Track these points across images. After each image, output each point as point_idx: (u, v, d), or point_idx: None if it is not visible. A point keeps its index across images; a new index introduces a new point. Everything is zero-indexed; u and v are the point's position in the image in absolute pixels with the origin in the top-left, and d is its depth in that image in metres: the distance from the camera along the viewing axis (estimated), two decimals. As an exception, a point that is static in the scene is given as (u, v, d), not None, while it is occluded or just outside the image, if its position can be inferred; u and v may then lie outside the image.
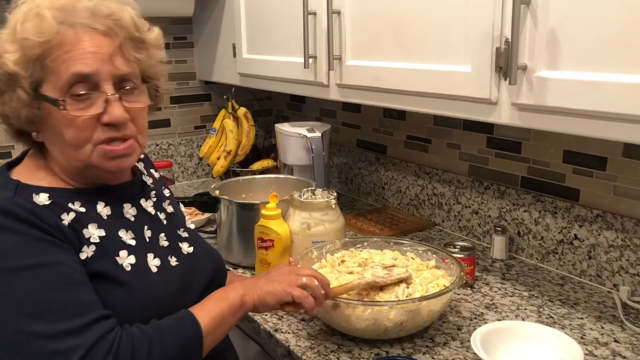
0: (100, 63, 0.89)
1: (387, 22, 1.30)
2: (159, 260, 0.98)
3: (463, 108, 1.16)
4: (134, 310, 0.91)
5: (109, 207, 0.97)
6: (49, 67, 0.89)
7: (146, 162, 1.17)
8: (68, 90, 0.89)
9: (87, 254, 0.90)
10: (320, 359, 1.07)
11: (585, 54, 0.94)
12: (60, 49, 0.88)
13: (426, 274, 1.18)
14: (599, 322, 1.19)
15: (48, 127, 0.93)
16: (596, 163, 1.34)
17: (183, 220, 1.14)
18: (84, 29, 0.90)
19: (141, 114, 0.97)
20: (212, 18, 2.08)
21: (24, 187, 0.91)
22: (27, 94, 0.90)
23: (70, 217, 0.90)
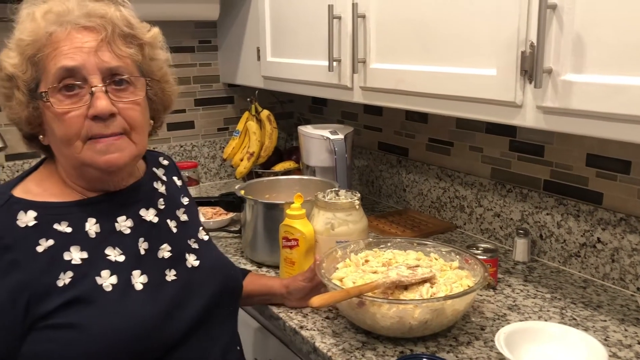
0: (86, 56, 0.91)
1: (412, 26, 1.32)
2: (147, 276, 0.97)
3: (487, 111, 1.18)
4: (107, 330, 0.89)
5: (98, 224, 0.96)
6: (41, 65, 0.92)
7: (169, 169, 1.17)
8: (57, 85, 0.91)
9: (63, 280, 0.89)
10: (345, 355, 1.09)
11: (611, 57, 0.95)
12: (50, 46, 0.91)
13: (450, 274, 1.20)
14: (623, 325, 1.19)
15: (47, 127, 0.95)
16: (620, 166, 1.34)
17: (196, 230, 1.13)
18: (73, 27, 0.92)
19: (133, 108, 0.95)
20: (236, 22, 2.11)
21: (13, 202, 0.92)
22: (24, 94, 0.94)
23: (48, 243, 0.90)
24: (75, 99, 0.91)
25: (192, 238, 1.10)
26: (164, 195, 1.09)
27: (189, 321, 0.99)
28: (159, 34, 1.03)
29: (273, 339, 1.41)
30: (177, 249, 1.04)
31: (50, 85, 0.91)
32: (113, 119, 0.92)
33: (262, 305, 1.32)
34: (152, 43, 1.01)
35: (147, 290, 0.95)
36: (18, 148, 1.95)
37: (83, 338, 0.88)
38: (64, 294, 0.89)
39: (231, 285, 1.12)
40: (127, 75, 0.95)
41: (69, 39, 0.91)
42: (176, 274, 1.01)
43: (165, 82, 1.05)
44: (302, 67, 1.72)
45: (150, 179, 1.10)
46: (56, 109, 0.91)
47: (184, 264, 1.04)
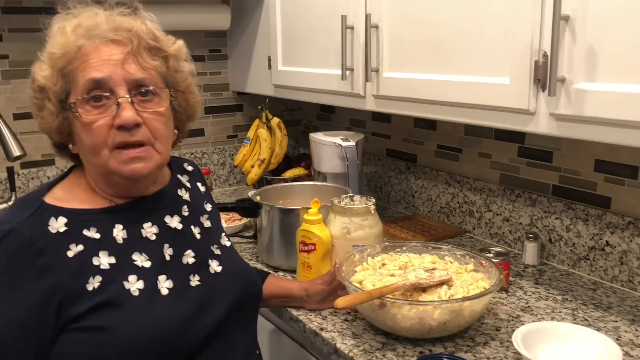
0: (113, 68, 0.95)
1: (425, 36, 1.36)
2: (173, 281, 1.00)
3: (501, 118, 1.22)
4: (135, 332, 0.93)
5: (125, 231, 1.00)
6: (71, 77, 0.96)
7: (193, 176, 1.20)
8: (85, 95, 0.94)
9: (93, 285, 0.93)
10: (366, 356, 1.12)
11: (622, 67, 0.99)
12: (79, 59, 0.95)
13: (466, 276, 1.23)
14: (633, 325, 1.23)
15: (76, 136, 0.99)
16: (628, 172, 1.38)
17: (219, 236, 1.16)
18: (101, 40, 0.96)
19: (157, 119, 0.98)
20: (247, 32, 2.15)
21: (45, 209, 0.96)
22: (54, 105, 0.97)
23: (79, 249, 0.94)
24: (102, 109, 0.95)
25: (215, 244, 1.13)
26: (188, 202, 1.12)
27: (211, 325, 1.02)
28: (184, 46, 1.07)
29: (289, 341, 1.44)
30: (201, 254, 1.07)
31: (79, 96, 0.95)
32: (138, 128, 0.96)
33: (281, 308, 1.35)
34: (176, 55, 1.04)
35: (172, 294, 0.99)
36: (34, 156, 1.99)
37: (112, 340, 0.91)
38: (94, 297, 0.92)
39: (252, 290, 1.15)
40: (152, 87, 0.98)
41: (97, 52, 0.95)
42: (200, 279, 1.04)
43: (189, 92, 1.08)
44: (314, 75, 1.76)
45: (175, 186, 1.13)
46: (84, 118, 0.95)
47: (207, 270, 1.07)
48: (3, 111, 1.81)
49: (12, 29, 1.91)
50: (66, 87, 0.96)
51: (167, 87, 1.02)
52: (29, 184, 2.00)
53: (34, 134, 1.98)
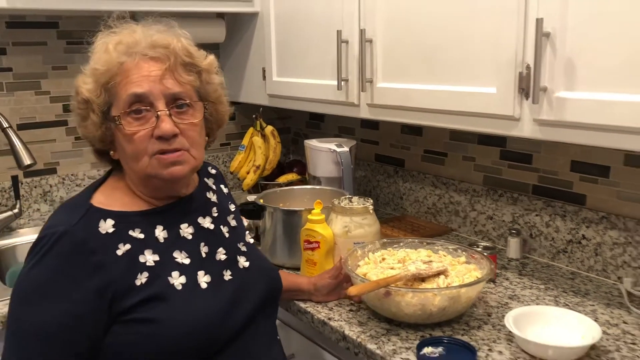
0: (153, 84, 1.04)
1: (417, 49, 1.49)
2: (210, 276, 1.10)
3: (488, 124, 1.35)
4: (181, 324, 1.02)
5: (166, 231, 1.09)
6: (114, 91, 1.05)
7: (217, 178, 1.31)
8: (127, 109, 1.04)
9: (140, 280, 1.02)
10: (373, 340, 1.24)
11: (598, 77, 1.12)
12: (121, 75, 1.05)
13: (459, 268, 1.36)
14: (609, 308, 1.37)
15: (118, 144, 1.09)
16: (601, 171, 1.53)
17: (244, 234, 1.27)
18: (140, 57, 1.05)
19: (192, 129, 1.08)
20: (240, 44, 2.26)
21: (94, 211, 1.05)
22: (98, 116, 1.07)
23: (126, 248, 1.03)
24: (143, 121, 1.04)
25: (241, 242, 1.23)
26: (215, 203, 1.22)
27: (245, 316, 1.12)
28: (214, 60, 1.17)
29: (294, 334, 1.54)
30: (230, 251, 1.18)
31: (121, 110, 1.04)
32: (175, 138, 1.06)
33: (289, 302, 1.45)
34: (208, 69, 1.14)
35: (210, 288, 1.09)
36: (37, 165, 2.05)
37: (159, 331, 1.01)
38: (142, 292, 1.02)
39: (276, 283, 1.26)
40: (188, 100, 1.08)
41: (137, 68, 1.05)
42: (232, 274, 1.14)
43: (219, 103, 1.18)
44: (309, 86, 1.87)
45: (203, 190, 1.23)
46: (127, 130, 1.04)
47: (236, 265, 1.17)
48: (9, 122, 1.87)
49: (16, 42, 1.99)
50: (109, 99, 1.06)
51: (200, 100, 1.12)
52: (32, 192, 2.06)
53: (37, 144, 2.05)
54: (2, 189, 2.01)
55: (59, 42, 2.05)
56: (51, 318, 0.96)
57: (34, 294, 0.98)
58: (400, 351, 1.19)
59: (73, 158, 2.12)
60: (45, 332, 0.96)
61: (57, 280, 0.98)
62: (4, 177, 2.01)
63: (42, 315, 0.96)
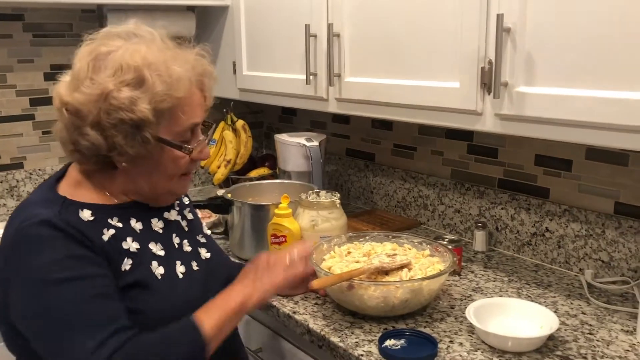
0: (203, 113, 1.10)
1: (383, 44, 1.49)
2: (184, 267, 1.13)
3: (452, 118, 1.36)
4: (163, 314, 1.04)
5: (140, 222, 1.11)
6: (169, 114, 1.01)
7: None
8: (182, 136, 1.05)
9: (125, 266, 1.03)
10: (337, 334, 1.24)
11: (556, 72, 1.14)
12: (183, 101, 1.02)
13: (423, 261, 1.37)
14: (569, 299, 1.39)
15: (147, 161, 1.04)
16: (563, 165, 1.55)
17: (201, 227, 1.29)
18: (194, 84, 1.06)
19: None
20: (211, 38, 2.24)
21: (70, 203, 1.04)
22: (150, 136, 1.00)
23: (110, 232, 1.04)
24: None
25: (200, 234, 1.25)
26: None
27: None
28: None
29: (261, 327, 1.54)
30: (192, 244, 1.20)
31: (176, 134, 1.04)
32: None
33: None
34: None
35: (186, 278, 1.12)
36: (3, 159, 2.03)
37: (144, 321, 1.01)
38: (126, 277, 1.03)
39: (233, 273, 1.25)
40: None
41: (194, 96, 1.06)
42: (197, 264, 1.17)
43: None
44: (278, 80, 1.87)
45: None
46: (195, 156, 1.09)
47: (199, 257, 1.20)
48: (-27, 115, 1.84)
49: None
50: (159, 121, 1.01)
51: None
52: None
53: (3, 138, 2.02)
54: (-33, 184, 1.98)
55: (25, 34, 2.02)
56: (94, 283, 0.97)
57: (60, 273, 0.95)
58: (363, 344, 1.20)
59: (40, 152, 2.09)
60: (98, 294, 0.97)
61: (74, 254, 0.97)
62: (-32, 172, 1.97)
63: (83, 285, 0.96)
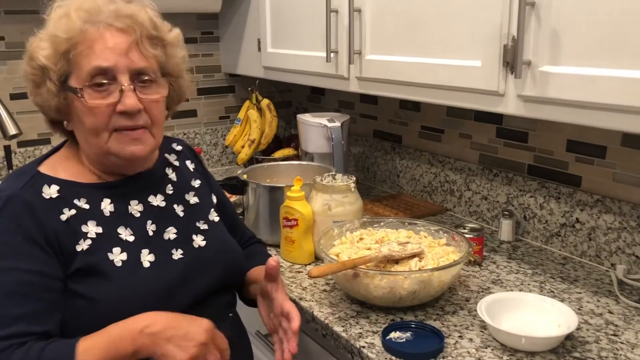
0: (118, 57, 1.00)
1: (404, 20, 1.41)
2: (155, 255, 1.06)
3: (473, 99, 1.27)
4: (121, 302, 0.98)
5: (113, 205, 1.06)
6: (74, 61, 1.00)
7: (182, 154, 1.25)
8: (89, 82, 1.00)
9: (82, 246, 1.00)
10: (341, 323, 1.19)
11: (584, 50, 1.04)
12: (84, 44, 1.00)
13: (437, 250, 1.30)
14: (596, 296, 1.30)
15: (74, 116, 1.04)
16: (597, 151, 1.44)
17: (207, 212, 1.21)
18: (105, 27, 1.00)
19: (155, 106, 1.05)
20: (237, 14, 2.20)
21: (39, 177, 1.03)
22: (55, 85, 1.02)
23: (71, 213, 1.01)
24: (105, 94, 1.00)
25: (202, 220, 1.18)
26: (173, 181, 1.18)
27: (193, 296, 1.08)
28: (179, 33, 1.13)
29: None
30: (183, 231, 1.13)
31: (83, 81, 1.00)
32: (139, 114, 1.02)
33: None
34: (173, 43, 1.10)
35: (153, 267, 1.05)
36: (30, 135, 2.05)
37: (97, 309, 0.98)
38: (80, 259, 0.99)
39: (235, 266, 1.20)
40: (153, 76, 1.04)
41: (102, 39, 1.00)
42: (183, 252, 1.10)
43: (181, 77, 1.14)
44: (301, 57, 1.81)
45: (162, 165, 1.19)
46: (89, 103, 1.00)
47: (190, 244, 1.13)
48: (0, 92, 1.86)
49: (8, 11, 1.96)
50: (68, 68, 1.01)
51: (164, 75, 1.08)
52: (26, 162, 2.06)
53: (30, 114, 2.04)
54: (-4, 159, 2.02)
55: (52, 10, 2.02)
56: (9, 278, 0.94)
57: None
58: (367, 335, 1.15)
59: (67, 129, 2.11)
60: (5, 292, 0.94)
61: (12, 240, 0.96)
62: (-3, 147, 2.01)
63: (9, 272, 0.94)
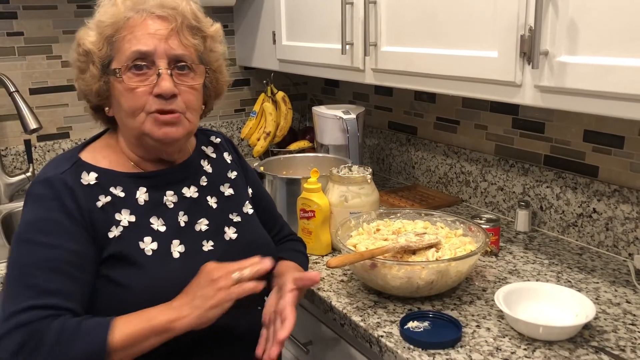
0: (157, 42, 1.04)
1: (420, 11, 1.41)
2: (185, 246, 1.08)
3: (490, 90, 1.28)
4: (151, 291, 1.01)
5: (148, 194, 1.09)
6: (116, 45, 1.05)
7: (220, 146, 1.27)
8: (129, 64, 1.03)
9: (114, 233, 1.03)
10: (359, 312, 1.21)
11: (602, 40, 1.04)
12: (126, 30, 1.04)
13: (454, 240, 1.30)
14: (613, 286, 1.30)
15: (114, 99, 1.08)
16: (614, 141, 1.44)
17: (242, 204, 1.21)
18: (148, 15, 1.05)
19: (191, 92, 1.08)
20: (252, 7, 2.21)
21: (80, 164, 1.06)
22: (97, 69, 1.06)
23: (106, 200, 1.04)
24: (143, 77, 1.04)
25: (235, 212, 1.19)
26: (208, 173, 1.20)
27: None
28: (221, 29, 1.16)
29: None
30: (216, 222, 1.15)
31: (123, 63, 1.04)
32: (174, 98, 1.05)
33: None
34: (213, 36, 1.13)
35: (183, 258, 1.07)
36: (49, 129, 2.08)
37: (127, 294, 1.00)
38: (113, 246, 1.02)
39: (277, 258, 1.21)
40: (190, 63, 1.07)
41: (144, 26, 1.04)
42: (213, 244, 1.12)
43: (220, 72, 1.17)
44: (316, 50, 1.82)
45: (198, 157, 1.21)
46: (127, 84, 1.04)
47: (222, 236, 1.14)
48: (20, 86, 1.89)
49: (27, 6, 1.99)
50: (110, 53, 1.05)
51: (202, 65, 1.10)
52: (45, 156, 2.09)
53: (50, 108, 2.07)
54: (17, 153, 2.05)
55: (69, 5, 2.05)
56: (53, 254, 0.97)
57: (33, 234, 0.99)
58: (385, 324, 1.16)
59: (86, 122, 2.13)
60: (49, 267, 0.97)
61: (57, 218, 0.99)
62: (18, 141, 2.04)
63: (43, 252, 0.97)
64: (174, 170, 1.14)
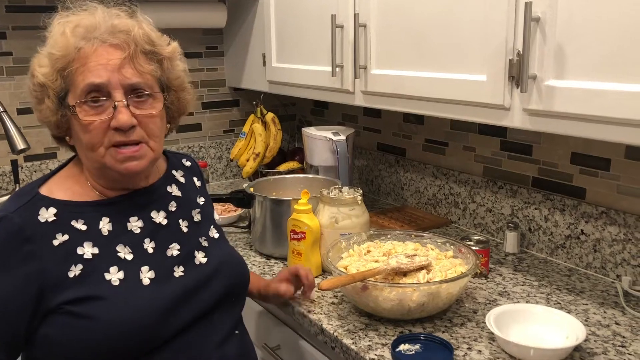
0: (111, 73, 0.99)
1: (409, 35, 1.43)
2: (155, 272, 1.05)
3: (479, 113, 1.29)
4: (117, 322, 0.98)
5: (111, 224, 1.05)
6: (70, 78, 1.01)
7: (190, 170, 1.25)
8: (84, 98, 1.00)
9: (74, 272, 0.99)
10: (350, 335, 1.20)
11: (589, 65, 1.06)
12: (78, 61, 1.00)
13: (445, 262, 1.31)
14: (602, 308, 1.31)
15: (73, 132, 1.05)
16: (601, 164, 1.46)
17: (208, 229, 1.20)
18: (99, 43, 1.00)
19: (151, 120, 1.04)
20: (242, 29, 2.22)
21: (39, 199, 1.02)
22: (53, 102, 1.02)
23: (64, 238, 1.00)
24: (99, 110, 1.00)
25: (204, 236, 1.17)
26: (177, 197, 1.17)
27: (194, 312, 1.07)
28: (178, 46, 1.12)
29: (278, 323, 1.51)
30: (187, 247, 1.12)
31: (78, 98, 1.00)
32: (133, 129, 1.02)
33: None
34: (170, 57, 1.09)
35: (153, 285, 1.04)
36: (37, 149, 2.07)
37: (95, 327, 0.97)
38: (75, 286, 0.98)
39: (239, 280, 1.19)
40: (148, 91, 1.04)
41: (96, 55, 1.00)
42: (184, 270, 1.09)
43: (181, 90, 1.14)
44: (306, 72, 1.83)
45: (165, 182, 1.18)
46: (83, 120, 1.00)
47: (192, 261, 1.12)
48: (8, 106, 1.88)
49: (16, 27, 1.99)
50: (65, 86, 1.01)
51: (161, 90, 1.08)
52: (32, 176, 2.07)
53: (37, 128, 2.06)
54: (3, 173, 2.03)
55: (59, 26, 2.05)
56: None
57: None
58: (376, 347, 1.16)
59: (74, 143, 2.12)
60: None
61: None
62: (4, 161, 2.02)
63: None
64: (137, 195, 1.11)
